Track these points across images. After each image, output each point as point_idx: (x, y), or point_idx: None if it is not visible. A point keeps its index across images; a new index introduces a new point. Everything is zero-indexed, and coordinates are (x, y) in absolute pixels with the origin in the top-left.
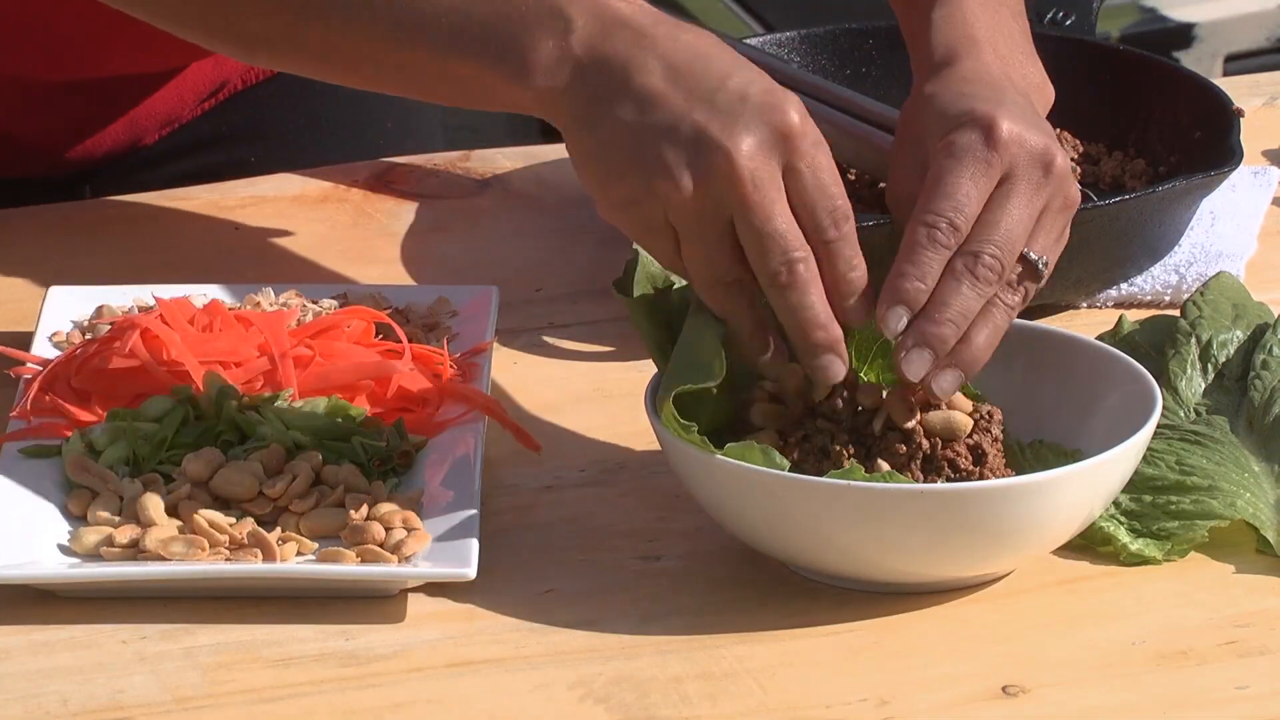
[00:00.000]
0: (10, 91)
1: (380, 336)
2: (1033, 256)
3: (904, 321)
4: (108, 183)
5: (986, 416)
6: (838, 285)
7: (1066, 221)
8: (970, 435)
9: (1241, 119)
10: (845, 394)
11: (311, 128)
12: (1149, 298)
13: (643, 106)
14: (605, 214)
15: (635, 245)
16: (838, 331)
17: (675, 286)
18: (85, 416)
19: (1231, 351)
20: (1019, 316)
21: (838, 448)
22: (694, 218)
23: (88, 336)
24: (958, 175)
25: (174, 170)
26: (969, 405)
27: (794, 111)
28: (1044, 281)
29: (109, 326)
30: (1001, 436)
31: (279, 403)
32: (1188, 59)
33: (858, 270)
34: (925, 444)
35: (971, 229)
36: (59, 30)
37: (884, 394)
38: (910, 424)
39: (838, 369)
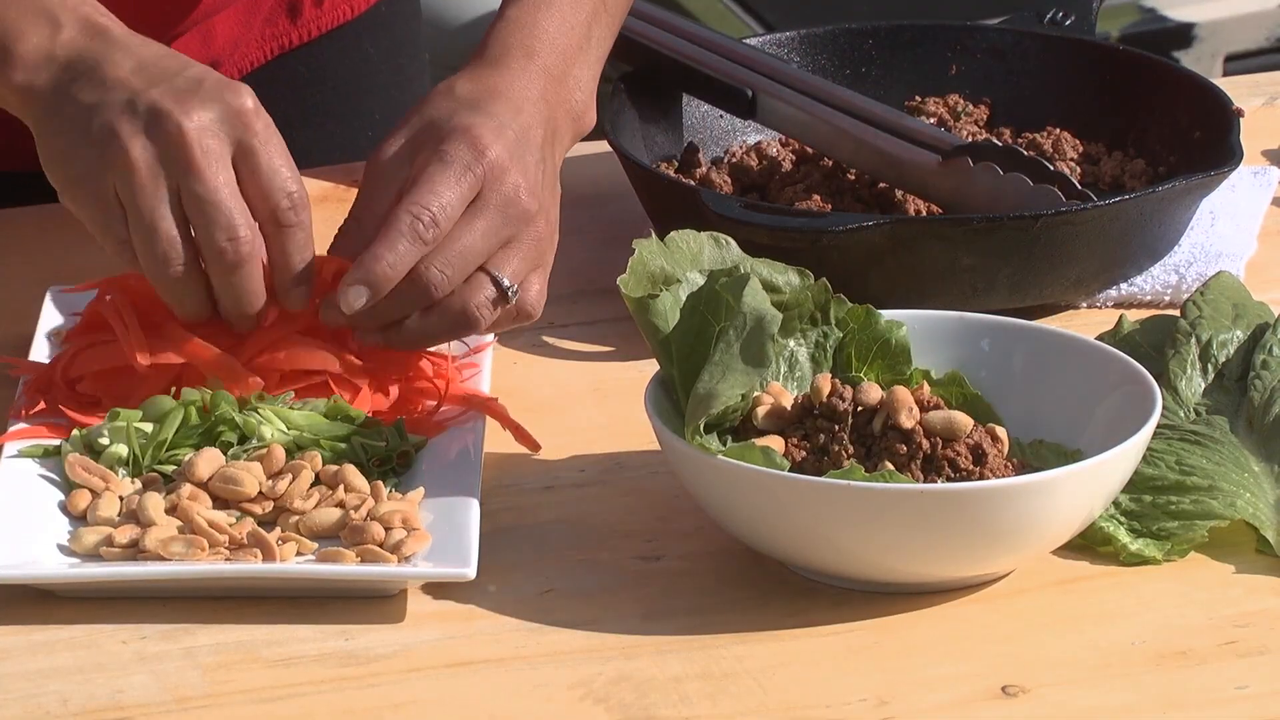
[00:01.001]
0: None
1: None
2: (503, 281)
3: (364, 300)
4: None
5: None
6: (286, 269)
7: (537, 259)
8: (970, 435)
9: (1241, 119)
10: (846, 394)
11: (304, 118)
12: (1149, 298)
13: (105, 89)
14: (67, 203)
15: (634, 245)
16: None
17: (679, 286)
18: (84, 417)
19: (1231, 351)
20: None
21: (837, 448)
22: (141, 185)
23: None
24: (441, 180)
25: None
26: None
27: (248, 97)
28: (513, 304)
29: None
30: (1006, 441)
31: (279, 404)
32: (1188, 59)
33: (307, 257)
34: (925, 444)
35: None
36: None
37: (884, 395)
38: (910, 424)
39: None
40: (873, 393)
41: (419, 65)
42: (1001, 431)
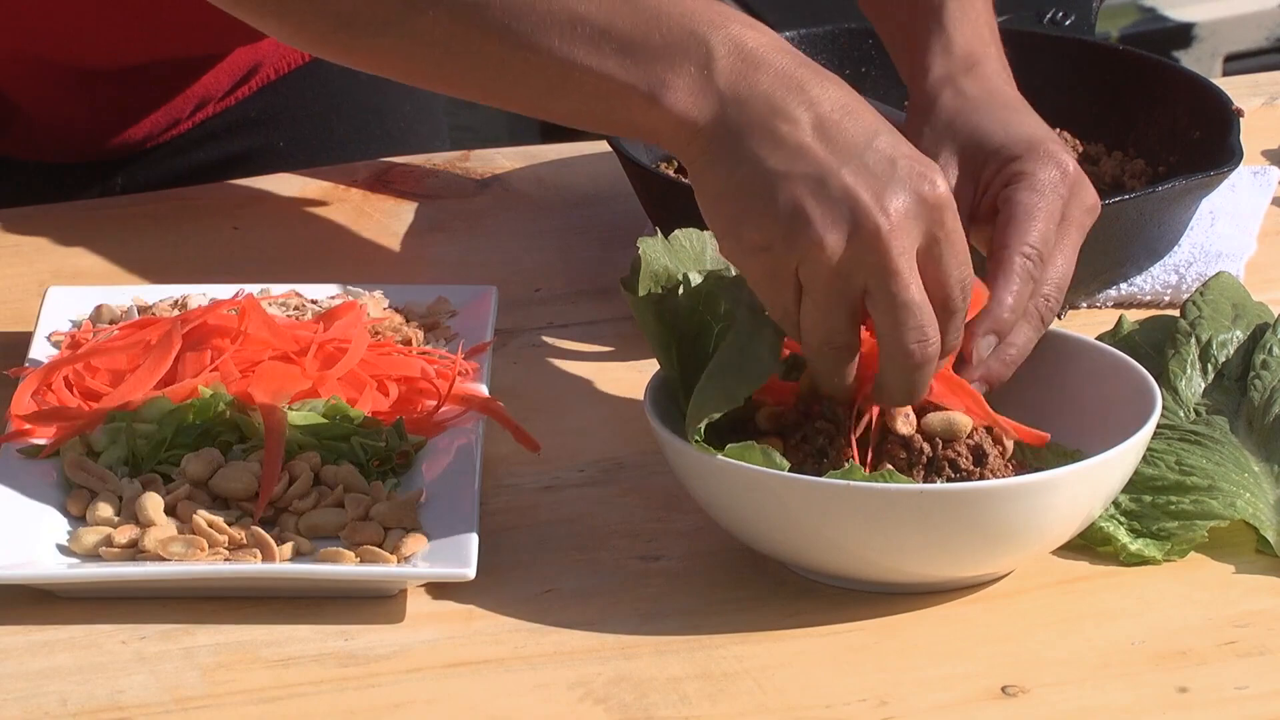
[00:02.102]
0: (57, 77)
1: (379, 337)
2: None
3: (994, 348)
4: (141, 169)
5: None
6: (943, 347)
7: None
8: (970, 435)
9: (1241, 119)
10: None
11: (341, 112)
12: (1149, 298)
13: (789, 155)
14: (727, 254)
15: (638, 243)
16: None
17: (681, 285)
18: (83, 417)
19: (1231, 351)
20: None
21: (835, 452)
22: (830, 276)
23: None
24: (1042, 212)
25: (205, 156)
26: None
27: (940, 181)
28: (1063, 317)
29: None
30: (1010, 446)
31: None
32: (1187, 59)
33: (960, 336)
34: (925, 447)
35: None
36: (109, 17)
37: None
38: (908, 431)
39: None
40: (872, 400)
41: None
42: (1008, 440)
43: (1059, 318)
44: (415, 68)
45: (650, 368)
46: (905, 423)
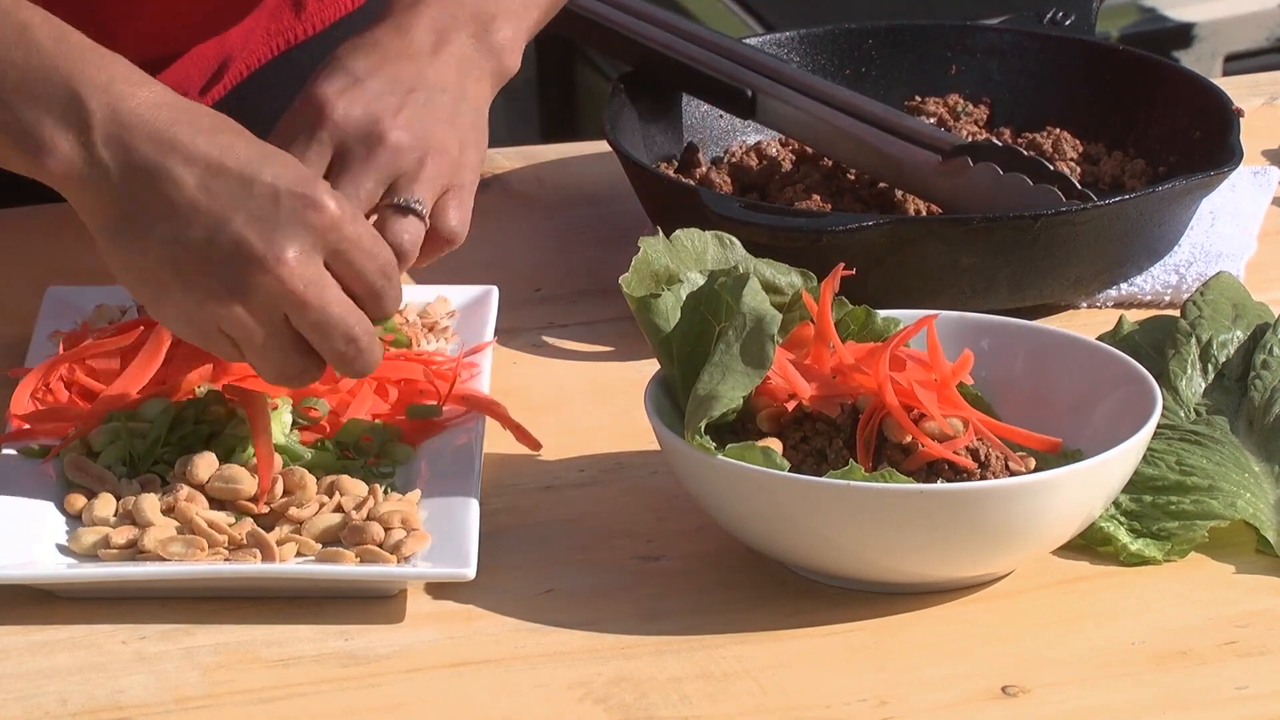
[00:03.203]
0: None
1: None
2: (407, 203)
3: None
4: None
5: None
6: (383, 318)
7: (446, 180)
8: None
9: (1241, 119)
10: (844, 404)
11: None
12: (1149, 298)
13: (178, 223)
14: (153, 314)
15: (640, 243)
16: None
17: (681, 285)
18: (82, 417)
19: (1231, 351)
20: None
21: (833, 455)
22: (248, 330)
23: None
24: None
25: None
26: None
27: (325, 199)
28: (429, 225)
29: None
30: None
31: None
32: (1188, 59)
33: (395, 302)
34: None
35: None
36: (69, 17)
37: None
38: (905, 439)
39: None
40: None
41: None
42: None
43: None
44: None
45: (650, 368)
46: (901, 433)
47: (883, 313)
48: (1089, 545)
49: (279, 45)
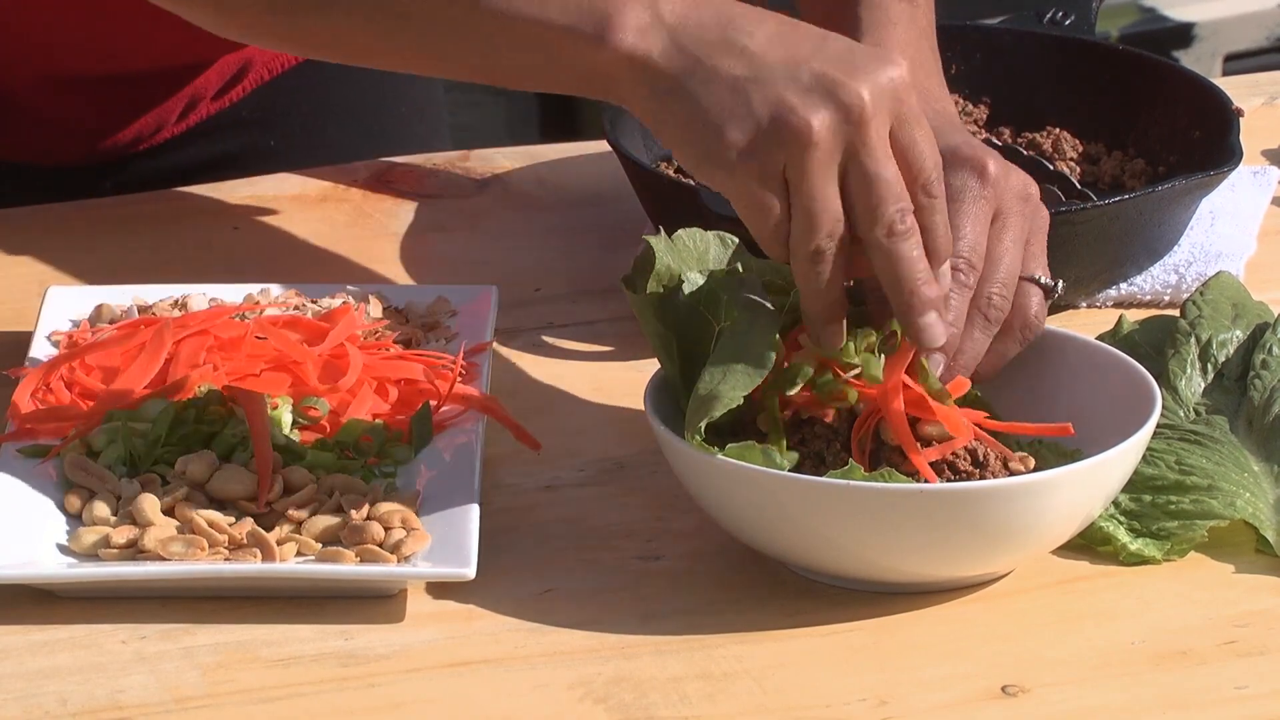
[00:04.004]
0: (49, 84)
1: (377, 336)
2: (1044, 281)
3: (942, 365)
4: (130, 171)
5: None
6: (932, 238)
7: (1045, 239)
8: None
9: (1241, 119)
10: (841, 407)
11: (335, 114)
12: (1149, 298)
13: (753, 62)
14: (708, 177)
15: (646, 238)
16: (940, 290)
17: (681, 285)
18: (82, 418)
19: (1231, 351)
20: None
21: (831, 457)
22: (822, 161)
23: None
24: (964, 218)
25: (195, 157)
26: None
27: (903, 66)
28: (1058, 294)
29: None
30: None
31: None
32: (1188, 59)
33: (947, 238)
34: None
35: (987, 269)
36: (105, 26)
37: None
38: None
39: (939, 331)
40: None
41: None
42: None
43: (1055, 294)
44: (350, 43)
45: (650, 368)
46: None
47: None
48: (1089, 545)
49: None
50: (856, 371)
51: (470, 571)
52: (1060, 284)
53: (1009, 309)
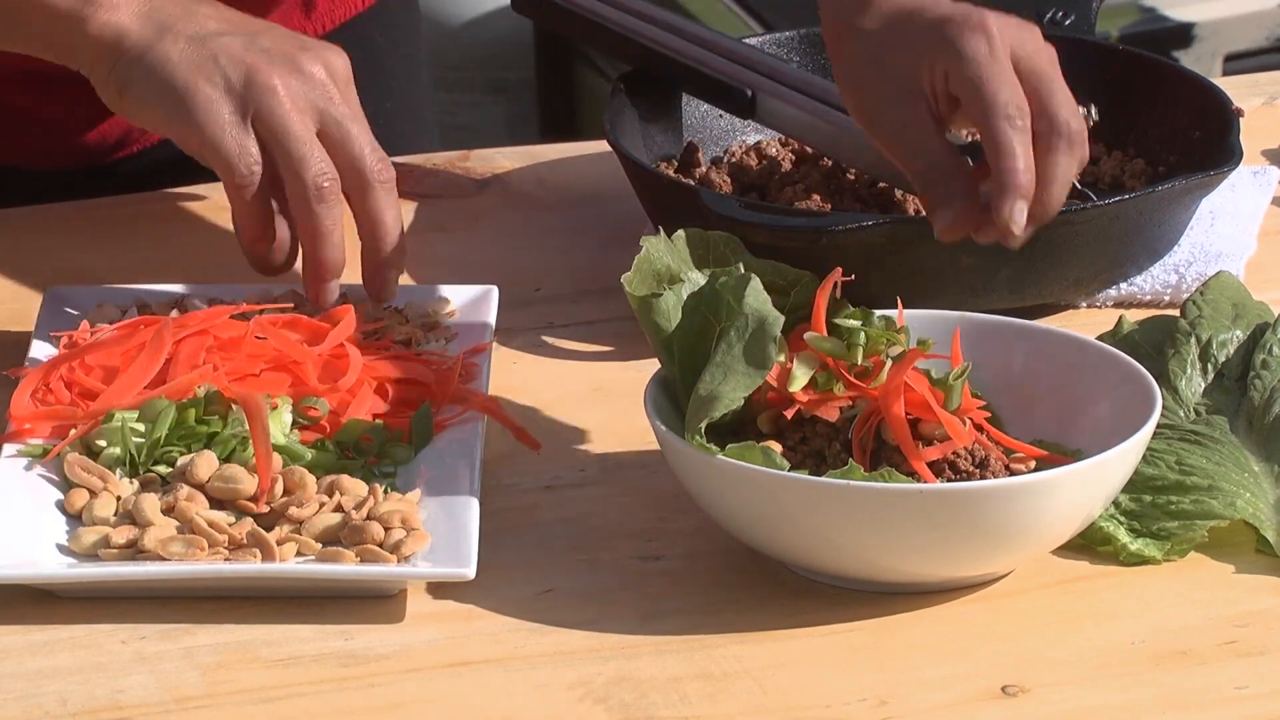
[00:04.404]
0: (34, 80)
1: (376, 336)
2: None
3: (1025, 213)
4: (130, 169)
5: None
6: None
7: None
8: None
9: (1241, 119)
10: (843, 407)
11: None
12: (1149, 297)
13: (214, 30)
14: (179, 132)
15: (646, 238)
16: None
17: (682, 285)
18: (82, 417)
19: (1231, 351)
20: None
21: (831, 455)
22: (293, 108)
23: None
24: (991, 79)
25: (177, 155)
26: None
27: (335, 58)
28: (1093, 119)
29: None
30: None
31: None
32: (1188, 59)
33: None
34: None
35: (1033, 106)
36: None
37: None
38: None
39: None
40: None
41: (421, 52)
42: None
43: (1090, 118)
44: None
45: (650, 368)
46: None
47: (884, 313)
48: (1089, 545)
49: None
50: (858, 372)
51: (470, 571)
52: (1093, 108)
53: (1085, 130)
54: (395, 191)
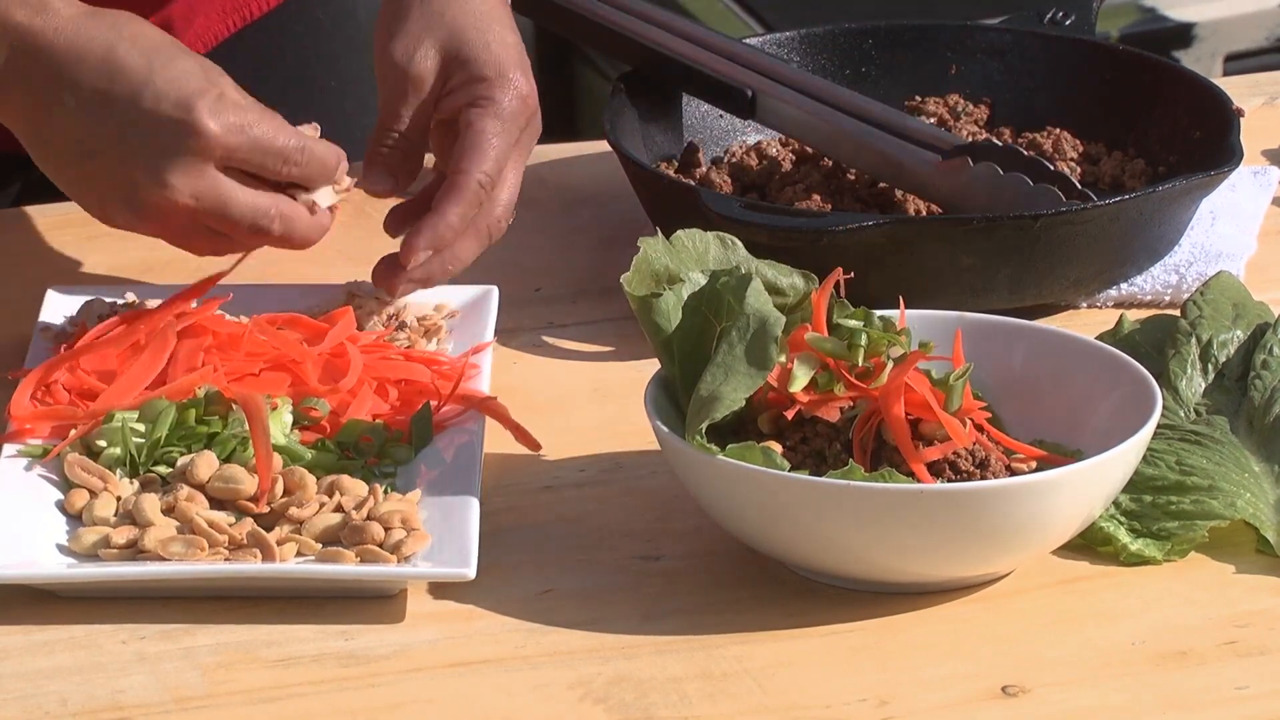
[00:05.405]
0: None
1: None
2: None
3: (425, 258)
4: None
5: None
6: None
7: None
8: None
9: (1241, 119)
10: (843, 408)
11: (269, 89)
12: (1149, 298)
13: (75, 143)
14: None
15: (645, 239)
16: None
17: (682, 285)
18: (82, 418)
19: (1231, 351)
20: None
21: (832, 455)
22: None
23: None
24: (500, 139)
25: None
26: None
27: (207, 121)
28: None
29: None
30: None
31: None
32: (1188, 59)
33: (320, 171)
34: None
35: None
36: None
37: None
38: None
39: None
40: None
41: (363, 30)
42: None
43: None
44: None
45: (650, 368)
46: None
47: (884, 313)
48: (1089, 545)
49: (234, 23)
50: (859, 372)
51: (470, 571)
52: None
53: (503, 229)
54: (315, 164)
